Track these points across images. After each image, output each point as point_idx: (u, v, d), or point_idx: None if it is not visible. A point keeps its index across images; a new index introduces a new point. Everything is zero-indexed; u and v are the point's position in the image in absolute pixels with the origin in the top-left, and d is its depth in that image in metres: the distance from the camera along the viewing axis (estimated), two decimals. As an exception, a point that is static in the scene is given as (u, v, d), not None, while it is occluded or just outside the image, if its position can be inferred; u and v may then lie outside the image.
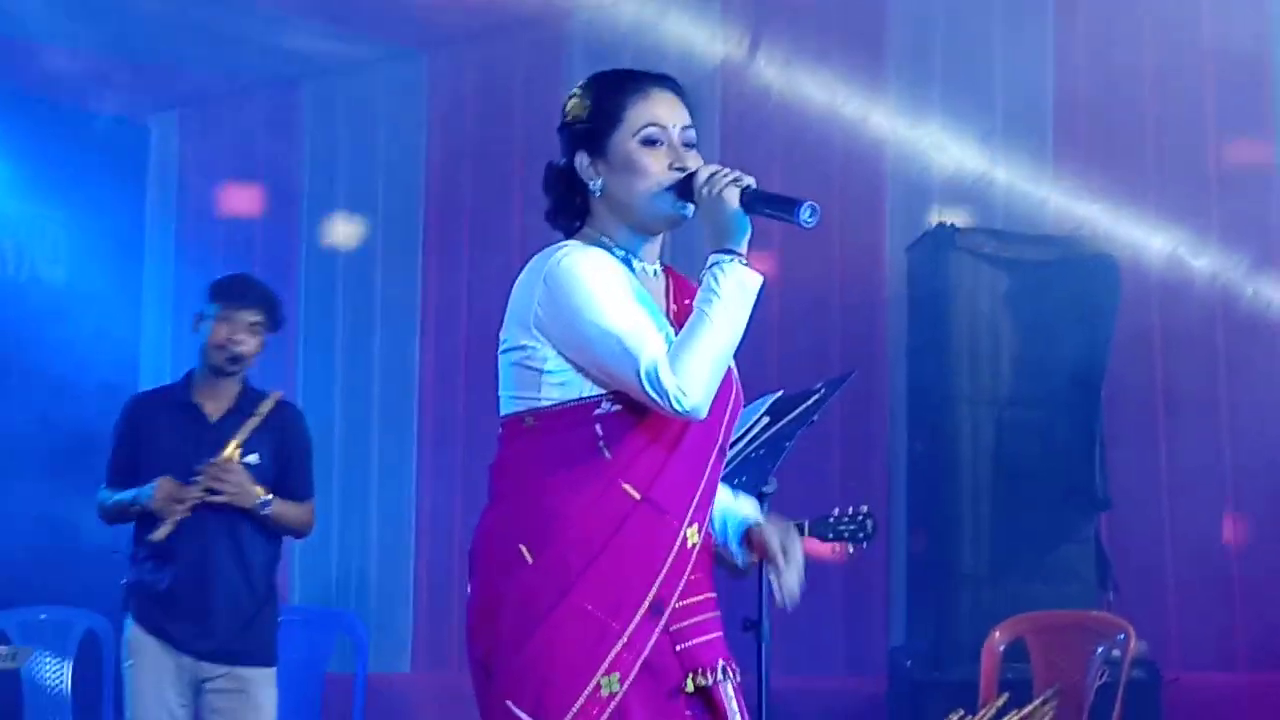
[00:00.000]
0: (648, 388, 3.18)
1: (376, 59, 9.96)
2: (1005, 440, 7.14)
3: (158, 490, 5.62)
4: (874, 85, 8.14)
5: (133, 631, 5.72)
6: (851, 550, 6.03)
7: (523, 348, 3.34)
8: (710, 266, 3.28)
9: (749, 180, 3.31)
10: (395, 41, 9.74)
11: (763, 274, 3.31)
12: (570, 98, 3.50)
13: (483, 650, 3.31)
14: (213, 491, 5.62)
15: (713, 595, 3.39)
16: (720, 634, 3.39)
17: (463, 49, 9.68)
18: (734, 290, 3.25)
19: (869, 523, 5.61)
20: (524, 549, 3.26)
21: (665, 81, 3.48)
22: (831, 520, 5.75)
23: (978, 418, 7.16)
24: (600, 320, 3.24)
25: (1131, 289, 7.28)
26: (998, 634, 6.64)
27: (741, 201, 3.28)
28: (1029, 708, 6.10)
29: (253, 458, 5.74)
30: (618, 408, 3.28)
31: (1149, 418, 7.47)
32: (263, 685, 5.77)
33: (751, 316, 3.29)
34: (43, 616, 8.17)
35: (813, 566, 3.53)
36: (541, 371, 3.31)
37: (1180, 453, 7.43)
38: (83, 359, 9.67)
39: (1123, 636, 6.46)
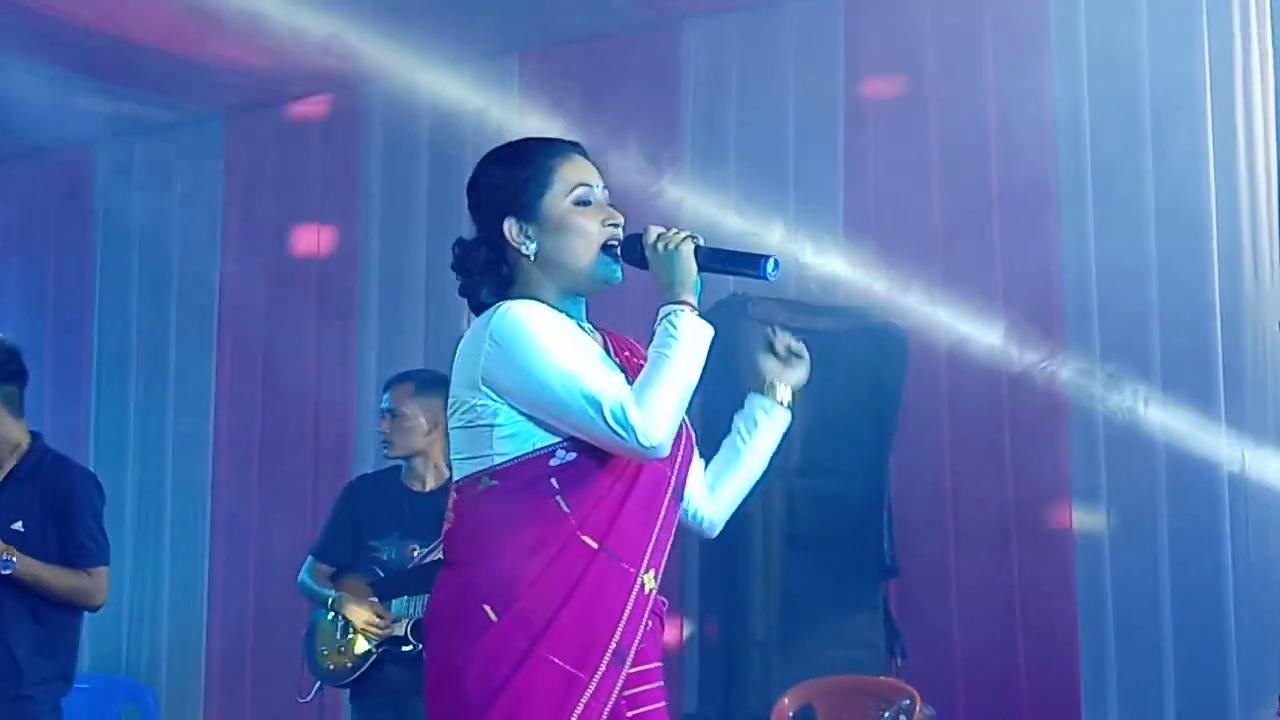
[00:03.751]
0: (614, 425, 3.19)
1: (172, 123, 9.89)
2: (796, 508, 7.18)
3: None
4: (670, 159, 8.22)
5: None
6: None
7: (471, 408, 3.32)
8: (665, 316, 3.35)
9: (700, 239, 3.40)
10: (191, 106, 9.67)
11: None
12: (484, 168, 3.49)
13: (445, 714, 3.27)
14: None
15: (660, 666, 3.42)
16: (664, 705, 3.42)
17: (260, 114, 9.64)
18: (691, 336, 3.33)
19: None
20: (488, 609, 3.23)
21: (577, 146, 3.53)
22: None
23: (768, 486, 7.01)
24: (557, 365, 3.24)
25: (919, 358, 7.41)
26: (786, 700, 6.69)
27: (696, 257, 3.37)
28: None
29: (17, 525, 5.59)
30: (573, 456, 3.28)
31: (937, 484, 7.58)
32: None
33: None
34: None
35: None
36: (492, 426, 3.30)
37: (967, 519, 7.53)
38: None
39: (908, 702, 6.54)
